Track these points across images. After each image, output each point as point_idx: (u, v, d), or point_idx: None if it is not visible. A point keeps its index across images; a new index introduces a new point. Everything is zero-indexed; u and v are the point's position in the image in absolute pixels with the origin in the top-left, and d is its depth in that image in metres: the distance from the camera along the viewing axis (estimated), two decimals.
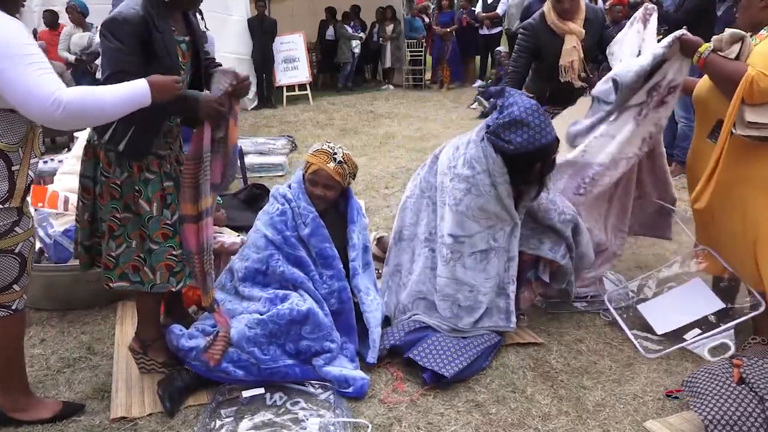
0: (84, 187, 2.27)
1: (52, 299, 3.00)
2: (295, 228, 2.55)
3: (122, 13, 2.06)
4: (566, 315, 2.91)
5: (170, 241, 2.24)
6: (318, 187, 2.61)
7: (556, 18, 3.21)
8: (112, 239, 2.23)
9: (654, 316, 2.76)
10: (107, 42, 2.06)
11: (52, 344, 2.73)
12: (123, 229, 2.23)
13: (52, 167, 4.72)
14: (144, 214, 2.21)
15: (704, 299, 2.68)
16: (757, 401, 1.93)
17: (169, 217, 2.24)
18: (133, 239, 2.23)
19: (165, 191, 2.24)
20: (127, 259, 2.25)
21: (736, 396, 1.96)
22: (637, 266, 3.45)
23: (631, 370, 2.48)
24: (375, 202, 4.64)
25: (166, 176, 2.25)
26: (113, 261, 2.25)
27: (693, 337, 2.59)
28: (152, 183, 2.22)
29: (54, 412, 2.20)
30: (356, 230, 2.68)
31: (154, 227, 2.22)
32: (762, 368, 2.05)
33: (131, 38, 2.06)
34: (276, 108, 9.40)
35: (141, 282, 2.26)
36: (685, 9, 4.81)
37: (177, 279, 2.28)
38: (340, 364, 2.40)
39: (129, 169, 2.19)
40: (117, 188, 2.20)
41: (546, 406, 2.27)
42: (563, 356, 2.58)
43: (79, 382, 2.45)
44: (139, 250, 2.24)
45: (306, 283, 2.48)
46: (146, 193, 2.21)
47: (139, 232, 2.23)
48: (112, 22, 2.06)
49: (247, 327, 2.31)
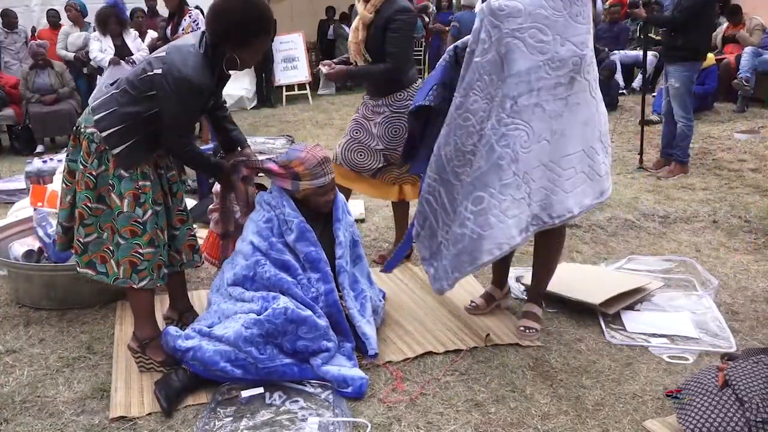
0: (69, 170, 2.35)
1: (51, 299, 3.00)
2: (281, 234, 2.55)
3: (197, 80, 2.18)
4: (566, 314, 2.91)
5: (137, 238, 2.30)
6: (329, 194, 2.64)
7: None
8: (82, 226, 2.31)
9: (629, 317, 2.86)
10: (174, 103, 2.18)
11: (51, 344, 2.73)
12: (95, 219, 2.31)
13: (52, 167, 4.73)
14: (115, 209, 2.28)
15: (685, 327, 2.76)
16: (739, 404, 1.92)
17: (141, 215, 2.30)
18: (105, 231, 2.32)
19: (140, 190, 2.30)
20: (96, 249, 2.33)
21: (717, 402, 1.96)
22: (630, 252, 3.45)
23: (631, 370, 2.48)
24: (374, 202, 4.63)
25: (143, 176, 2.31)
26: (81, 247, 2.34)
27: (660, 344, 2.65)
28: (126, 180, 2.27)
29: None
30: (341, 228, 2.68)
31: (122, 223, 2.28)
32: (744, 369, 2.04)
33: (199, 103, 2.28)
34: (275, 107, 9.40)
35: (106, 274, 2.35)
36: (681, 7, 4.80)
37: (139, 277, 2.34)
38: (338, 363, 2.40)
39: (106, 163, 2.26)
40: (92, 179, 2.27)
41: (545, 406, 2.27)
42: (562, 355, 2.58)
43: (79, 381, 2.45)
44: (109, 242, 2.32)
45: (293, 288, 2.47)
46: (119, 189, 2.27)
47: (111, 225, 2.31)
48: (188, 87, 2.17)
49: (244, 327, 2.30)
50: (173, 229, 2.53)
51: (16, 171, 5.79)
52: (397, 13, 3.08)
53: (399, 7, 3.10)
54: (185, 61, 2.17)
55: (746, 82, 7.06)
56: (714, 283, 3.16)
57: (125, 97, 2.25)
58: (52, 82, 6.79)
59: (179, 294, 2.75)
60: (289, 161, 2.58)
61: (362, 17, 3.15)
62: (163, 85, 2.18)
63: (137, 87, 2.24)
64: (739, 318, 2.86)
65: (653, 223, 4.09)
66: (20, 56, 8.14)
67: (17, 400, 2.34)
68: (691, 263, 3.43)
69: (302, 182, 2.57)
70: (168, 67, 2.17)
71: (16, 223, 3.43)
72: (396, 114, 3.24)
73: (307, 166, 2.55)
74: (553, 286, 2.95)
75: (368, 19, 3.13)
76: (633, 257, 3.52)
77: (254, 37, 2.29)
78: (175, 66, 2.16)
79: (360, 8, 3.18)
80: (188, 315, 2.73)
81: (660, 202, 4.47)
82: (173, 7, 5.78)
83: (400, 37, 3.11)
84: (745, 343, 2.63)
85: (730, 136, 6.23)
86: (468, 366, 2.51)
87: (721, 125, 6.72)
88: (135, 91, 2.24)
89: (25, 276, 3.03)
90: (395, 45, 3.10)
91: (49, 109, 6.64)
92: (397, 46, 3.11)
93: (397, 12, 3.08)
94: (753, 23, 7.58)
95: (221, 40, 2.25)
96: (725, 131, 6.46)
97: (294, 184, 2.59)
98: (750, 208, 4.26)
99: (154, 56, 2.27)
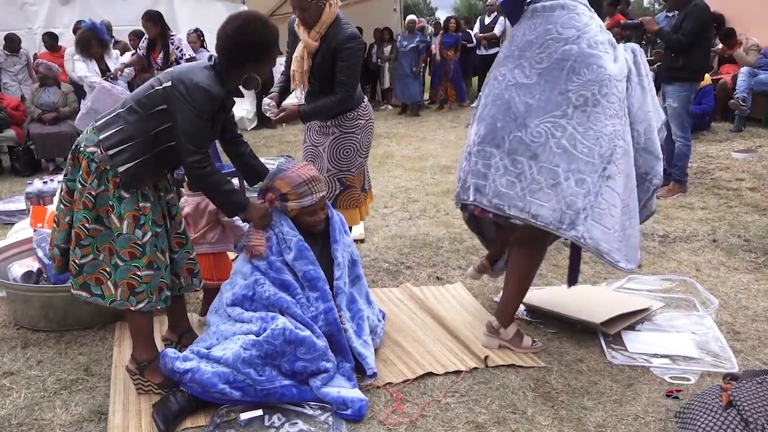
0: (68, 190, 2.32)
1: (49, 320, 2.99)
2: (280, 253, 2.55)
3: (208, 86, 2.21)
4: (566, 334, 2.89)
5: (136, 261, 2.28)
6: (318, 214, 2.63)
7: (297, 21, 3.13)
8: (78, 247, 2.28)
9: (630, 338, 2.84)
10: (188, 107, 2.19)
11: (49, 365, 2.71)
12: (91, 240, 2.28)
13: (52, 188, 4.74)
14: (114, 230, 2.26)
15: (687, 347, 2.75)
16: (744, 425, 1.91)
17: (140, 237, 2.28)
18: (101, 252, 2.29)
19: (140, 211, 2.29)
20: (91, 271, 2.30)
21: (722, 422, 1.94)
22: None
23: (633, 390, 2.46)
24: (374, 222, 4.64)
25: (143, 197, 2.30)
26: (77, 268, 2.31)
27: (661, 364, 2.63)
28: (126, 202, 2.26)
29: None
30: (340, 249, 2.68)
31: (122, 244, 2.27)
32: (749, 390, 2.02)
33: (211, 114, 2.27)
34: (275, 128, 9.44)
35: (102, 296, 2.32)
36: (684, 31, 4.86)
37: (137, 299, 2.31)
38: (338, 384, 2.39)
39: (106, 183, 2.25)
40: (91, 199, 2.25)
41: (547, 428, 2.24)
42: (563, 376, 2.57)
43: (76, 404, 2.43)
44: (105, 264, 2.29)
45: (293, 307, 2.46)
46: (118, 210, 2.26)
47: (109, 246, 2.28)
48: (201, 92, 2.19)
49: (242, 348, 2.29)
50: (172, 252, 2.50)
51: (17, 192, 5.81)
52: (346, 42, 2.98)
53: (347, 36, 3.00)
54: (196, 73, 2.23)
55: (743, 102, 7.11)
56: (714, 303, 3.15)
57: (133, 116, 2.26)
58: (56, 100, 6.87)
59: (178, 316, 2.73)
60: (272, 181, 2.59)
61: (307, 45, 3.04)
62: (175, 94, 2.20)
63: (145, 104, 2.25)
64: (740, 338, 2.84)
65: (653, 242, 4.09)
66: (19, 78, 8.23)
67: (14, 423, 2.31)
68: (691, 282, 3.43)
69: (289, 203, 2.57)
70: (179, 77, 2.22)
71: (16, 244, 3.43)
72: (347, 134, 3.19)
73: (292, 186, 2.55)
74: (553, 306, 2.94)
75: (313, 48, 3.04)
76: (633, 276, 3.52)
77: (270, 50, 2.34)
78: (187, 76, 2.22)
79: (303, 36, 3.05)
80: (187, 336, 2.71)
81: (659, 222, 4.47)
82: (154, 35, 5.83)
83: (351, 66, 3.03)
84: (746, 362, 2.62)
85: (728, 156, 6.25)
86: (468, 387, 2.49)
87: (719, 145, 6.75)
88: (143, 109, 2.25)
89: (23, 297, 3.02)
90: (346, 74, 3.02)
91: (50, 130, 6.68)
92: (349, 75, 3.03)
93: (346, 40, 2.99)
94: (749, 43, 7.66)
95: (241, 59, 2.28)
96: (723, 150, 6.49)
97: (282, 205, 2.59)
98: (749, 227, 4.27)
99: (161, 75, 2.30)
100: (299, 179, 2.56)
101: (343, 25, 3.04)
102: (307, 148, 3.36)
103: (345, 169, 3.20)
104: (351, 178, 3.23)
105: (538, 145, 2.42)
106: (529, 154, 2.43)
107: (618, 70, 2.45)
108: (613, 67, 2.43)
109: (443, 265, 3.80)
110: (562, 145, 2.40)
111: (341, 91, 3.06)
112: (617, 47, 2.52)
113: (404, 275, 3.67)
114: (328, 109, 3.10)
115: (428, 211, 4.93)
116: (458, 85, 11.06)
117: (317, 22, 3.00)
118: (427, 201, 5.23)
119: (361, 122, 3.23)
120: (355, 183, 3.29)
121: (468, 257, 3.89)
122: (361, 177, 3.35)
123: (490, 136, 2.52)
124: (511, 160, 2.46)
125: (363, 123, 3.24)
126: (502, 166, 2.48)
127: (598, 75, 2.40)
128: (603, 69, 2.40)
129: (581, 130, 2.40)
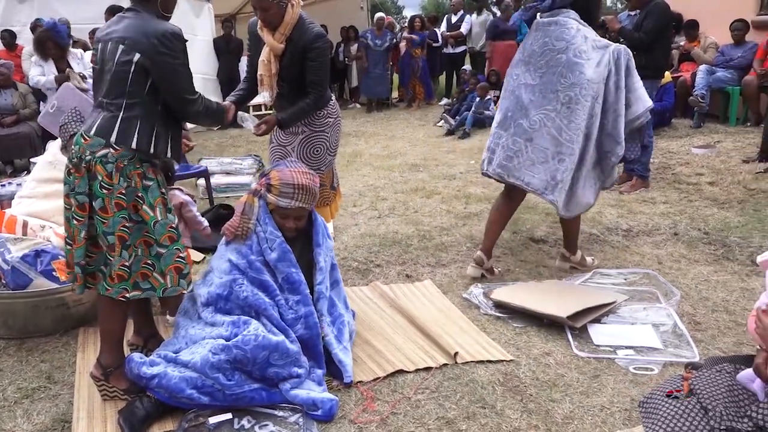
0: (79, 204, 2.24)
1: (9, 327, 2.91)
2: (261, 252, 2.52)
3: (172, 27, 2.28)
4: (534, 329, 2.94)
5: (176, 243, 2.31)
6: (290, 220, 2.60)
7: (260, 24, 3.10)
8: (124, 249, 2.24)
9: (595, 330, 2.90)
10: (173, 58, 2.24)
11: (9, 374, 2.63)
12: (131, 237, 2.25)
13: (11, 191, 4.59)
14: (149, 220, 2.24)
15: (650, 338, 2.81)
16: (703, 413, 1.96)
17: (173, 220, 2.33)
18: (138, 246, 2.26)
19: (165, 196, 2.32)
20: (137, 268, 2.28)
21: (683, 411, 1.99)
22: None
23: (599, 382, 2.51)
24: (343, 221, 4.63)
25: (161, 184, 2.33)
26: (127, 271, 2.26)
27: (625, 355, 2.69)
28: (152, 189, 2.27)
29: None
30: (322, 253, 2.67)
31: (160, 231, 2.27)
32: (708, 378, 2.08)
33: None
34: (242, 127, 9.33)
35: (152, 288, 2.31)
36: (645, 29, 4.96)
37: (186, 281, 2.35)
38: (307, 388, 2.37)
39: (127, 179, 2.22)
40: (123, 197, 2.22)
41: (516, 421, 2.27)
42: (532, 370, 2.60)
43: (38, 413, 2.37)
44: (146, 257, 2.28)
45: (270, 309, 2.44)
46: (148, 200, 2.25)
47: (144, 239, 2.27)
48: (173, 36, 2.24)
49: (211, 353, 2.26)
50: (160, 247, 2.36)
51: None
52: (314, 41, 2.96)
53: (313, 35, 2.96)
54: (147, 30, 2.21)
55: (702, 99, 7.30)
56: (676, 295, 3.23)
57: (122, 107, 2.22)
58: (14, 102, 6.64)
59: (144, 319, 2.68)
60: (272, 170, 2.60)
61: (273, 48, 2.98)
62: (153, 60, 2.19)
63: (135, 90, 2.22)
64: (701, 328, 2.93)
65: (617, 236, 4.18)
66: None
67: None
68: (653, 275, 3.51)
69: (270, 194, 2.56)
70: (141, 45, 2.19)
71: None
72: (316, 133, 3.19)
73: (280, 182, 2.55)
74: (521, 301, 2.98)
75: (279, 50, 2.99)
76: (598, 270, 3.59)
77: None
78: (146, 38, 2.19)
79: (268, 39, 2.98)
80: (153, 341, 2.66)
81: (623, 216, 4.57)
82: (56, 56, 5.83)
83: (321, 64, 3.01)
84: (707, 352, 2.69)
85: (688, 151, 6.42)
86: (438, 383, 2.51)
87: (679, 140, 6.92)
88: (137, 95, 2.23)
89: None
90: (317, 74, 3.01)
91: (9, 132, 6.48)
92: (319, 74, 3.01)
93: (314, 40, 2.96)
94: (707, 41, 7.86)
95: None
96: (683, 146, 6.65)
97: (264, 194, 2.58)
98: (708, 221, 4.39)
99: (120, 56, 2.22)
100: (290, 180, 2.55)
101: (308, 24, 3.01)
102: (273, 149, 3.34)
103: (315, 167, 3.18)
104: (321, 177, 3.22)
105: (534, 131, 3.22)
106: (526, 137, 3.24)
107: (596, 75, 3.11)
108: (591, 73, 3.10)
109: (412, 262, 3.81)
110: (551, 133, 3.18)
111: (315, 91, 3.05)
112: (607, 50, 3.13)
113: (374, 273, 3.67)
114: (304, 113, 3.09)
115: (397, 210, 4.94)
116: (426, 83, 11.10)
117: (281, 24, 2.96)
118: (396, 199, 5.24)
119: (330, 120, 3.22)
120: (325, 181, 3.28)
121: (437, 254, 3.91)
122: (330, 175, 3.35)
123: (502, 122, 3.35)
124: (513, 140, 3.28)
125: (332, 121, 3.23)
126: (505, 145, 3.30)
127: (579, 79, 3.11)
128: (583, 75, 3.11)
129: (566, 122, 3.15)
